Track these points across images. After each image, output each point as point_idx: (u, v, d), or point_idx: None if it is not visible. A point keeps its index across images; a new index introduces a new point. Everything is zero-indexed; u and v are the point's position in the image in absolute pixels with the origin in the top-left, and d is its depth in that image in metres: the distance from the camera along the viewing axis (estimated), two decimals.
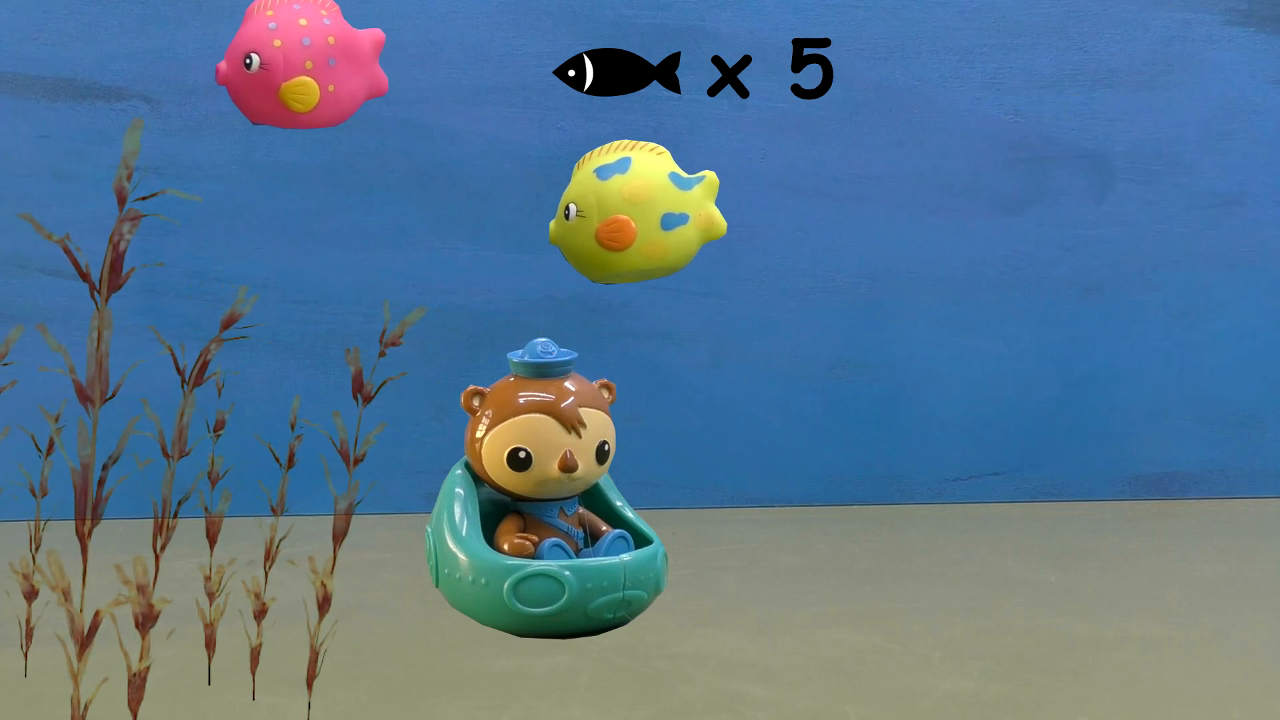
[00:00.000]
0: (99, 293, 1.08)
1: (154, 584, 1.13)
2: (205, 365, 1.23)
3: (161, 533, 1.20)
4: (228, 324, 1.27)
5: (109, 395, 1.09)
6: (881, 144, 2.41)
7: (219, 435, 1.42)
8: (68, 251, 1.13)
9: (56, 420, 1.34)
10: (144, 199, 1.27)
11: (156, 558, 1.20)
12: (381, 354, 1.31)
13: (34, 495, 1.46)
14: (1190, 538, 2.27)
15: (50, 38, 2.29)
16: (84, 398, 1.08)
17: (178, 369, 1.25)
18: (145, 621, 1.12)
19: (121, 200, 1.12)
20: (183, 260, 2.28)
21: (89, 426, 1.08)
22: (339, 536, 1.28)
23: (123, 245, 1.11)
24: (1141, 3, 2.41)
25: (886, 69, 2.39)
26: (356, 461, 1.28)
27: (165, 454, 1.22)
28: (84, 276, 1.12)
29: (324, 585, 1.27)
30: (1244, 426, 2.49)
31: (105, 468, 1.12)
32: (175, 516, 1.22)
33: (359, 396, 1.28)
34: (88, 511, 1.09)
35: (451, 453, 1.41)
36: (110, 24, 2.29)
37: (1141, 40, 2.42)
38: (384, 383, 1.30)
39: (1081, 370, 2.47)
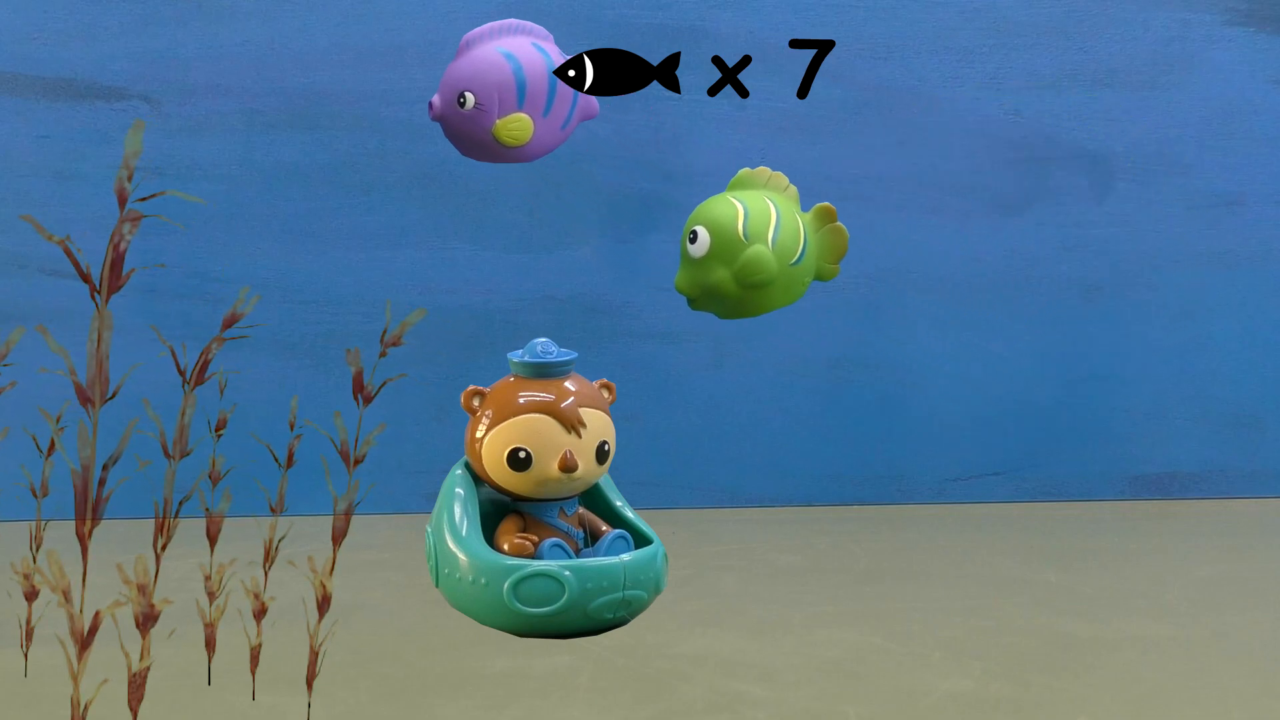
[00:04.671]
0: (99, 293, 1.08)
1: (154, 584, 1.13)
2: (206, 365, 1.23)
3: (163, 532, 1.20)
4: (229, 324, 1.27)
5: (109, 396, 1.09)
6: (881, 144, 2.41)
7: (220, 435, 1.42)
8: (68, 252, 1.13)
9: (58, 420, 1.35)
10: (145, 199, 1.27)
11: (157, 557, 1.20)
12: (382, 354, 1.31)
13: (35, 496, 1.46)
14: (1190, 538, 2.27)
15: (50, 38, 2.29)
16: (84, 398, 1.08)
17: (179, 369, 1.25)
18: (146, 621, 1.12)
19: (122, 201, 1.12)
20: (183, 260, 2.28)
21: (89, 427, 1.08)
22: (338, 537, 1.28)
23: (123, 246, 1.11)
24: (1141, 3, 2.41)
25: (886, 69, 2.39)
26: (357, 462, 1.28)
27: (166, 454, 1.22)
28: (84, 277, 1.12)
29: (323, 585, 1.27)
30: (1244, 426, 2.49)
31: (105, 468, 1.12)
32: (176, 516, 1.22)
33: (359, 397, 1.28)
34: (88, 512, 1.08)
35: (451, 453, 1.41)
36: (110, 24, 2.29)
37: (1141, 40, 2.42)
38: (384, 383, 1.30)
39: (1081, 370, 2.47)
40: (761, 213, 1.31)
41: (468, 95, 1.30)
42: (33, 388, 1.43)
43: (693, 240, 1.32)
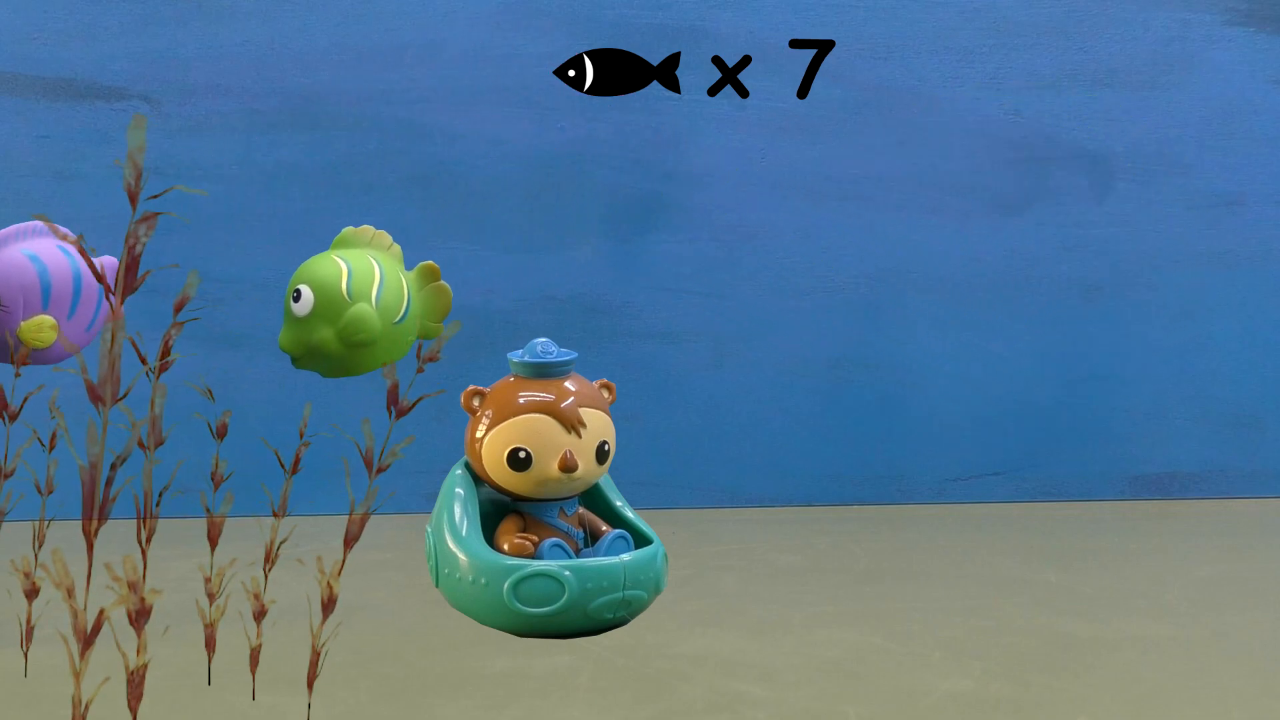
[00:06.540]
0: (114, 294, 1.08)
1: (144, 579, 1.12)
2: (167, 351, 1.23)
3: (145, 526, 1.20)
4: (179, 308, 1.27)
5: (120, 396, 1.10)
6: (881, 144, 2.41)
7: (222, 439, 1.42)
8: (84, 253, 1.13)
9: (54, 411, 1.35)
10: (155, 197, 1.27)
11: (144, 553, 1.20)
12: (420, 370, 1.31)
13: (40, 493, 1.46)
14: (1190, 538, 2.27)
15: (50, 38, 2.29)
16: (95, 397, 1.08)
17: (141, 359, 1.25)
18: (139, 618, 1.12)
19: (134, 201, 1.12)
20: (182, 260, 2.26)
21: (98, 426, 1.08)
22: (351, 541, 1.28)
23: (139, 248, 1.12)
24: (1141, 3, 2.41)
25: (886, 69, 2.39)
26: (380, 470, 1.28)
27: (141, 445, 1.22)
28: (99, 278, 1.12)
29: (330, 586, 1.27)
30: (1244, 426, 2.49)
31: (114, 466, 1.12)
32: (158, 508, 1.22)
33: (393, 409, 1.29)
34: (95, 511, 1.09)
35: (451, 453, 1.42)
36: (110, 24, 2.29)
37: (1141, 40, 2.42)
38: (420, 399, 1.30)
39: (1081, 370, 2.47)
40: (365, 272, 1.32)
41: None
42: (32, 385, 1.44)
43: (296, 299, 1.32)
